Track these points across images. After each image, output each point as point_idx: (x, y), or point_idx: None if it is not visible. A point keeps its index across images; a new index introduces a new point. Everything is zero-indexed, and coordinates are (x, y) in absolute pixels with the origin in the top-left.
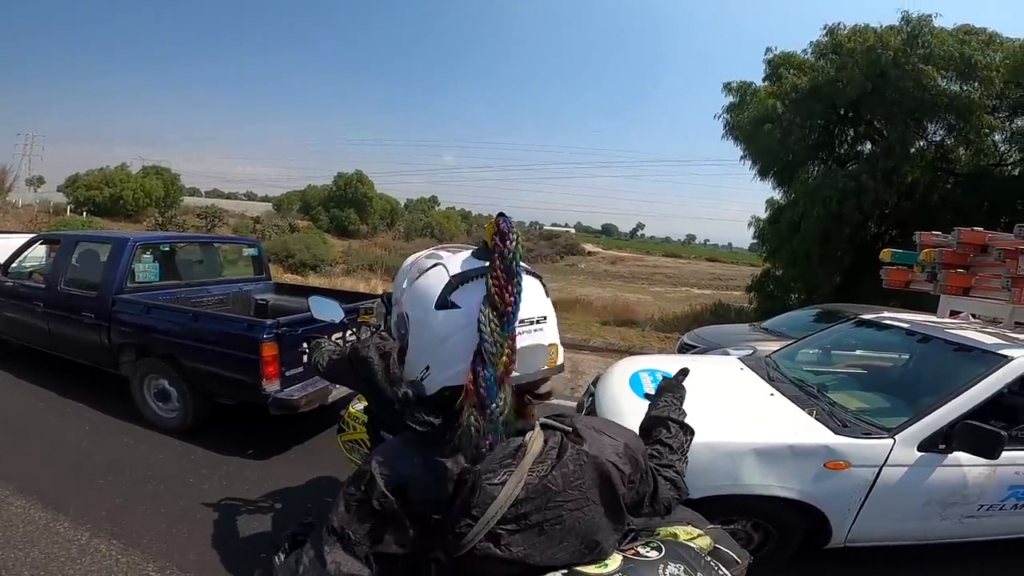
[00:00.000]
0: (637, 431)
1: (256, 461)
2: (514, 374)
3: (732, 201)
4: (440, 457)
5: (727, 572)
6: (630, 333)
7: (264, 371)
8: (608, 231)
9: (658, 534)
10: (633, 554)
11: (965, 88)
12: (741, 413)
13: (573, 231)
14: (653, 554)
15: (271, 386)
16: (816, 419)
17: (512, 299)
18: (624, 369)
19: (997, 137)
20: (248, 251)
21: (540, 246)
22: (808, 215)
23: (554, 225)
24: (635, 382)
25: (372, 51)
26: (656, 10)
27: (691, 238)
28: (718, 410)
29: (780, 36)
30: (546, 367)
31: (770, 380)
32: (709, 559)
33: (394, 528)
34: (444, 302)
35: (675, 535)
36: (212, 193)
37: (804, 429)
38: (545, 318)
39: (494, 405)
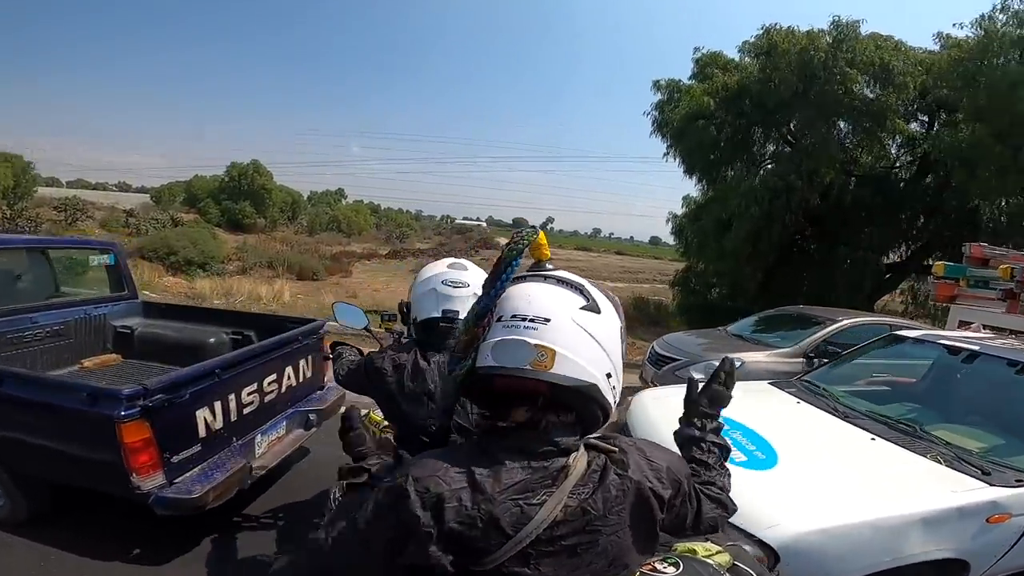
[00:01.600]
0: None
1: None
2: (489, 362)
3: (636, 197)
4: (479, 469)
5: None
6: None
7: (131, 463)
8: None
9: (676, 550)
10: (650, 570)
11: (882, 93)
12: (865, 472)
13: (485, 225)
14: (671, 570)
15: (148, 481)
16: (949, 467)
17: (493, 290)
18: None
19: (891, 141)
20: (99, 259)
21: (453, 240)
22: (741, 214)
23: (466, 219)
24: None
25: (283, 41)
26: (582, 11)
27: (597, 232)
28: (835, 471)
29: (706, 39)
30: (529, 367)
31: (844, 417)
32: None
33: (418, 544)
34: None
35: (693, 551)
36: (75, 184)
37: (957, 484)
38: (547, 320)
39: (454, 365)
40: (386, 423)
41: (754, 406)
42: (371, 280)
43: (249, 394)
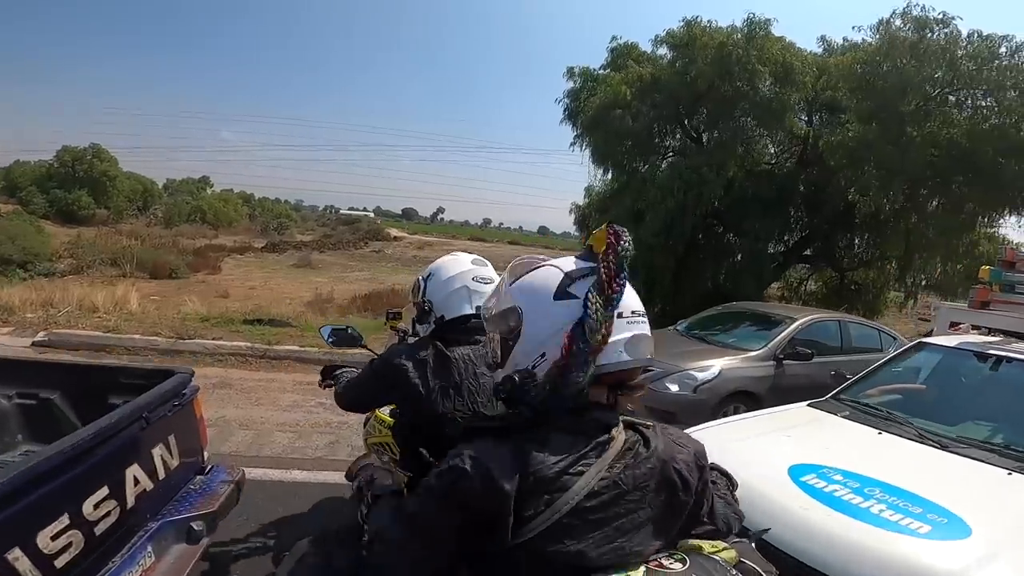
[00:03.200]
0: None
1: None
2: (625, 358)
3: (523, 188)
4: (531, 448)
5: None
6: None
7: None
8: (408, 215)
9: (682, 546)
10: (657, 566)
11: (781, 91)
12: None
13: (372, 215)
14: (677, 566)
15: None
16: None
17: (618, 287)
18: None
19: (783, 138)
20: None
21: (340, 231)
22: (656, 205)
23: (351, 209)
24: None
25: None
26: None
27: (487, 222)
28: None
29: (618, 30)
30: (649, 355)
31: (947, 448)
32: (734, 572)
33: (487, 521)
34: (563, 293)
35: (700, 547)
36: None
37: None
38: (645, 314)
39: (578, 375)
40: (392, 420)
41: (844, 448)
42: (246, 277)
43: (57, 535)
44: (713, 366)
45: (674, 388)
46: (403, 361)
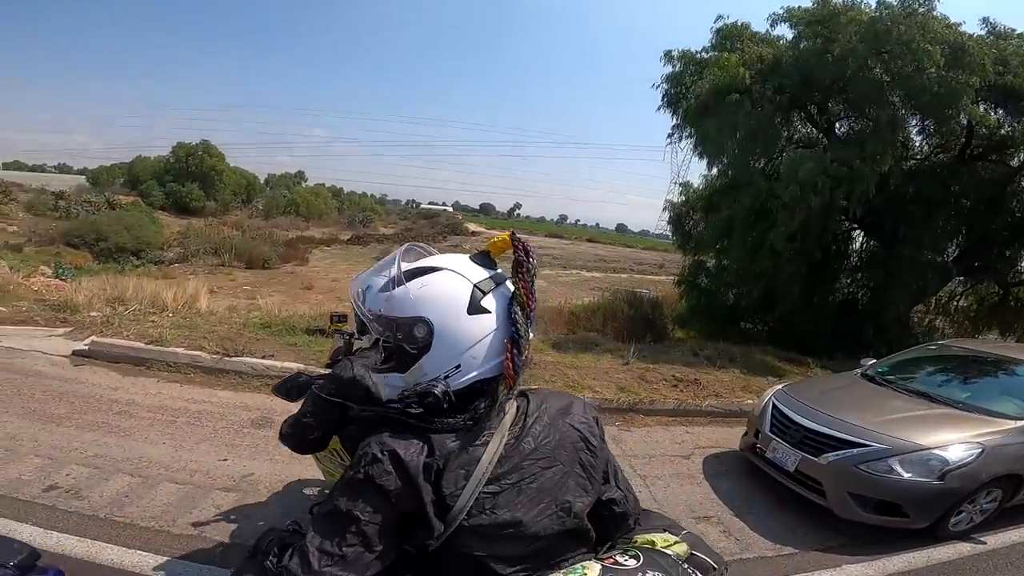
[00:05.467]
0: None
1: None
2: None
3: (601, 184)
4: (435, 429)
5: None
6: (587, 362)
7: None
8: (486, 210)
9: (636, 542)
10: (612, 563)
11: (954, 74)
12: None
13: (451, 209)
14: (632, 563)
15: None
16: None
17: (534, 302)
18: None
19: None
20: None
21: (420, 225)
22: (792, 204)
23: (432, 204)
24: None
25: (242, 19)
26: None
27: (563, 218)
28: None
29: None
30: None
31: None
32: (686, 566)
33: (398, 503)
34: (476, 308)
35: (652, 543)
36: (12, 165)
37: None
38: None
39: (519, 382)
40: None
41: None
42: (330, 268)
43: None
44: (967, 442)
45: (907, 473)
46: (357, 372)
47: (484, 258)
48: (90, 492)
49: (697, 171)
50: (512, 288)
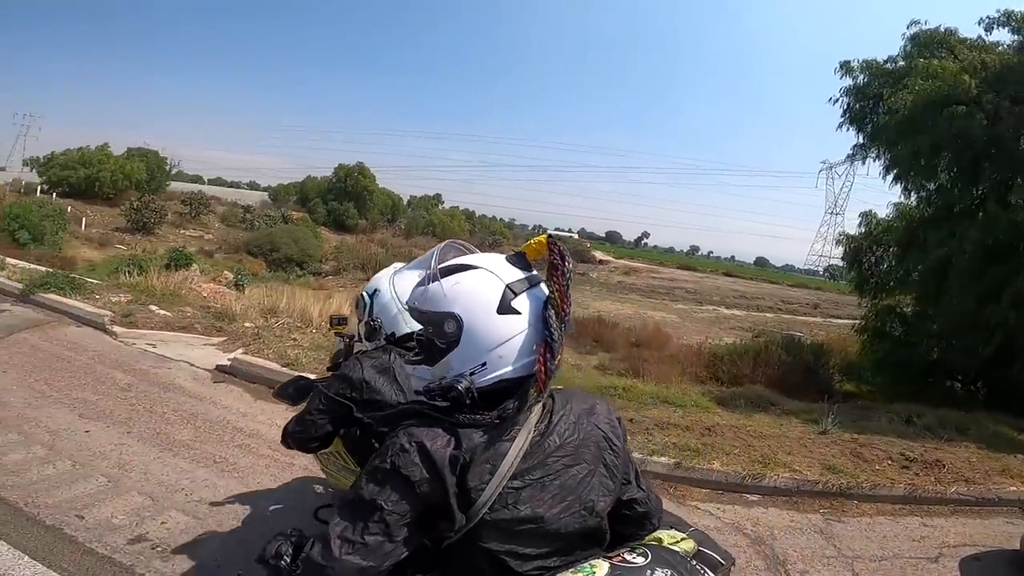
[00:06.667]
0: None
1: None
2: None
3: (741, 213)
4: (462, 423)
5: (712, 574)
6: (769, 427)
7: None
8: (612, 238)
9: (643, 540)
10: (620, 560)
11: None
12: None
13: (576, 236)
14: (640, 560)
15: None
16: None
17: (569, 306)
18: None
19: None
20: None
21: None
22: None
23: (557, 229)
24: None
25: (389, 48)
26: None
27: (695, 249)
28: None
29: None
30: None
31: None
32: (694, 562)
33: (423, 494)
34: (507, 308)
35: (660, 540)
36: (216, 181)
37: None
38: None
39: (549, 385)
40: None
41: None
42: None
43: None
44: None
45: None
46: (365, 374)
47: (520, 259)
48: (178, 554)
49: (865, 199)
50: (547, 291)
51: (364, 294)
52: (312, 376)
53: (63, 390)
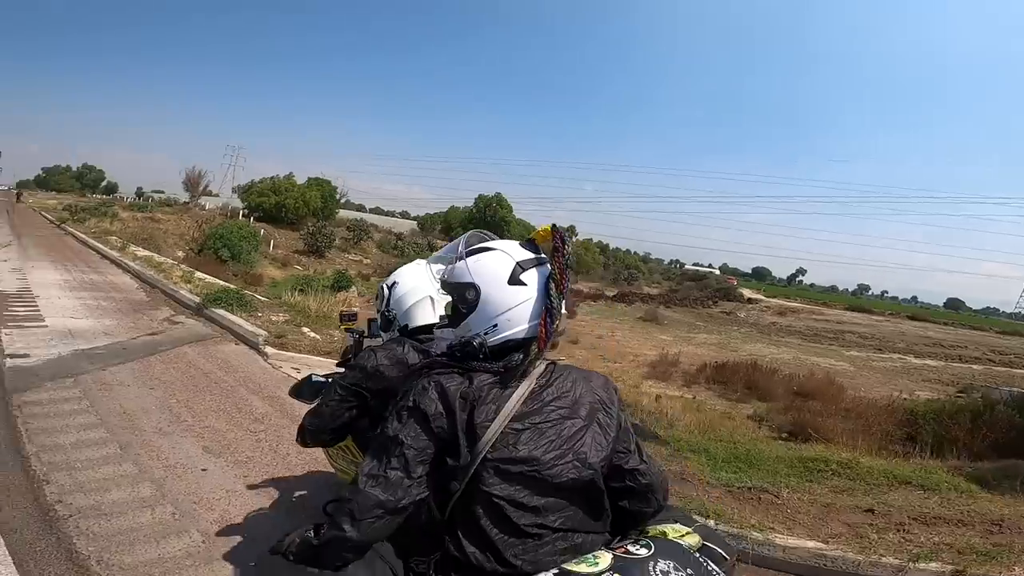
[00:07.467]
0: None
1: None
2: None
3: (920, 248)
4: (476, 370)
5: (716, 568)
6: None
7: None
8: (759, 275)
9: (647, 532)
10: (623, 552)
11: None
12: None
13: (718, 272)
14: (643, 551)
15: None
16: None
17: (566, 282)
18: None
19: None
20: None
21: (686, 287)
22: None
23: (696, 264)
24: None
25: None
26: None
27: (863, 288)
28: None
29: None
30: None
31: None
32: (698, 556)
33: (437, 428)
34: (516, 280)
35: (664, 533)
36: (375, 210)
37: None
38: None
39: (548, 345)
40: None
41: None
42: (595, 325)
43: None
44: None
45: None
46: (379, 364)
47: (531, 245)
48: None
49: None
50: (549, 269)
51: (383, 286)
52: (322, 374)
53: (199, 415)
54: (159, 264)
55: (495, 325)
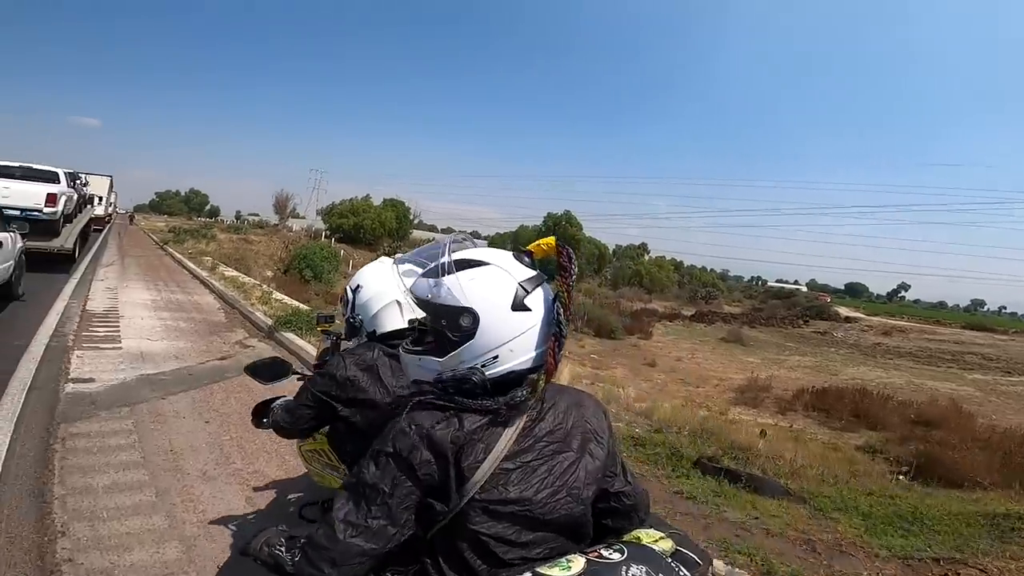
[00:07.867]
0: None
1: None
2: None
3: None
4: (463, 408)
5: (688, 574)
6: None
7: None
8: (854, 290)
9: (621, 537)
10: (596, 556)
11: None
12: None
13: (805, 288)
14: (616, 556)
15: None
16: None
17: (572, 305)
18: None
19: None
20: None
21: (771, 305)
22: None
23: (780, 281)
24: None
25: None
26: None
27: (978, 304)
28: None
29: None
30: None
31: None
32: (671, 561)
33: (423, 476)
34: (520, 305)
35: (638, 538)
36: (447, 230)
37: None
38: None
39: (554, 375)
40: (328, 427)
41: None
42: (672, 346)
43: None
44: None
45: None
46: (350, 373)
47: (527, 258)
48: None
49: None
50: (554, 290)
51: (347, 289)
52: (293, 365)
53: (249, 457)
54: (242, 284)
55: (495, 357)
